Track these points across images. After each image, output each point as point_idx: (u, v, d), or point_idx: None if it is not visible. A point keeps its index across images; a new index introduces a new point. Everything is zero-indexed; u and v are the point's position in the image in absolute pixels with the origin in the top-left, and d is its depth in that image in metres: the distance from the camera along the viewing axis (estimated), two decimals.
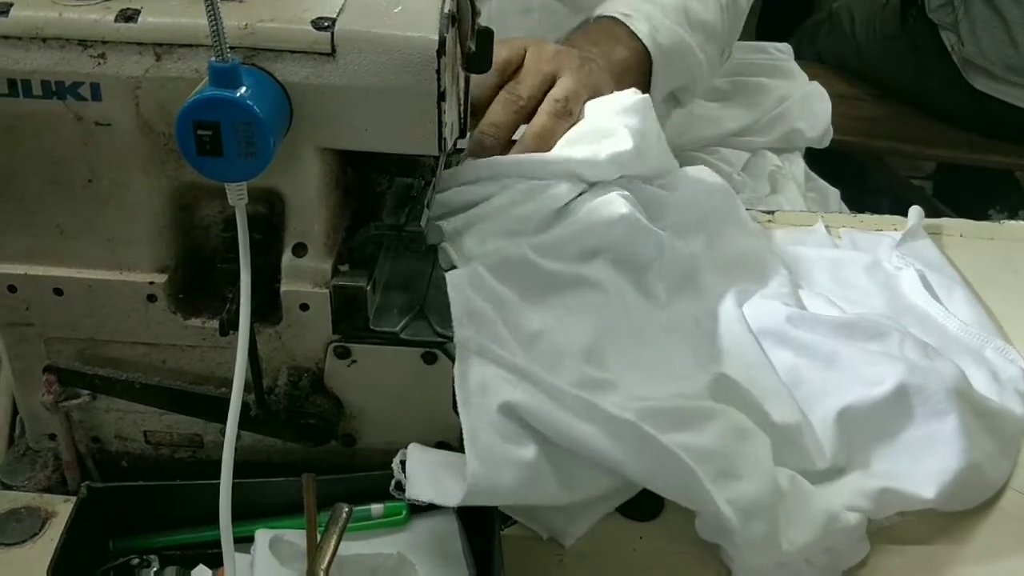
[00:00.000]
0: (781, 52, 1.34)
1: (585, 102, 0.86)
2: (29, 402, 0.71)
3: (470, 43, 0.64)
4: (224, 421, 0.59)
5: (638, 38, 0.98)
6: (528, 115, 0.85)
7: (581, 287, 0.73)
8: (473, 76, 0.73)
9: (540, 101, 0.86)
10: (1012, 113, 1.86)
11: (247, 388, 0.61)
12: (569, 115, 0.85)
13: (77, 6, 0.60)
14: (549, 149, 0.84)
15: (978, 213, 2.06)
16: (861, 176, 2.18)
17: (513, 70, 0.88)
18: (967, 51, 1.84)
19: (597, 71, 0.90)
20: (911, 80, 2.01)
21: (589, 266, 0.74)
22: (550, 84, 0.87)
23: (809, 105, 1.26)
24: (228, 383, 0.60)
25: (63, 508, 0.69)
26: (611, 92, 0.87)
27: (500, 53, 0.83)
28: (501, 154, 0.84)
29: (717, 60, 1.11)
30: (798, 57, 1.36)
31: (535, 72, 0.86)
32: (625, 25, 0.99)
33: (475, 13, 0.63)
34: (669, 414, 0.67)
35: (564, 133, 0.85)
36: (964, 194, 2.14)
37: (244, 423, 0.65)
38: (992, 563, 0.70)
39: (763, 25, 2.12)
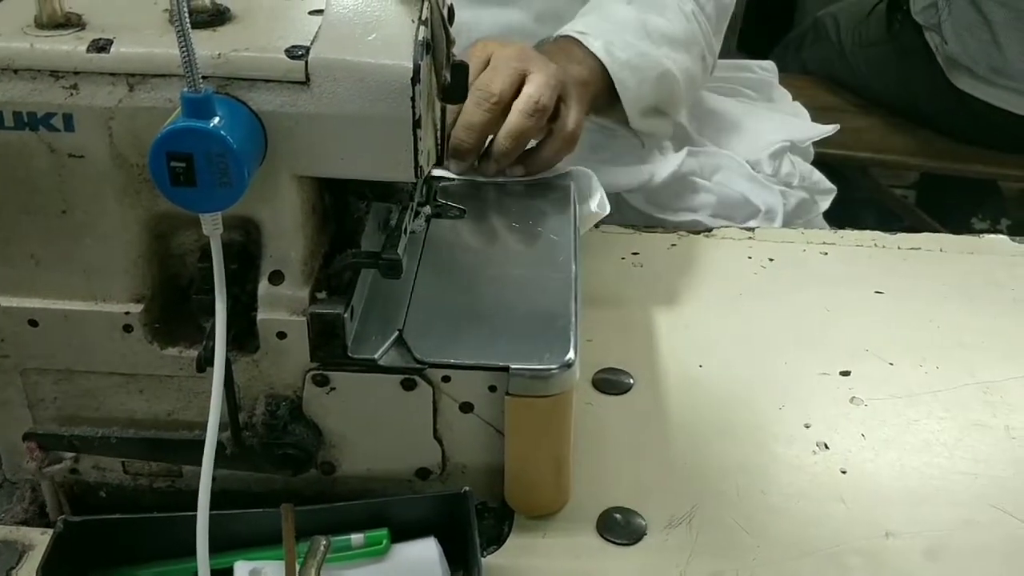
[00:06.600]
0: (765, 70, 1.33)
1: (554, 99, 0.87)
2: (5, 434, 0.71)
3: (445, 73, 0.63)
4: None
5: (594, 55, 0.99)
6: (502, 114, 0.85)
7: None
8: None
9: (512, 99, 0.85)
10: (995, 115, 1.86)
11: (223, 427, 0.60)
12: (543, 112, 0.85)
13: (49, 36, 0.60)
14: (524, 148, 0.85)
15: (961, 221, 2.07)
16: (843, 187, 2.19)
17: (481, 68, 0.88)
18: (951, 50, 1.85)
19: (561, 72, 0.91)
20: (896, 85, 2.02)
21: None
22: (520, 82, 0.86)
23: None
24: (206, 412, 0.59)
25: (41, 541, 0.68)
26: (577, 95, 0.87)
27: (471, 61, 0.83)
28: (477, 155, 0.85)
29: (697, 68, 1.10)
30: (782, 68, 1.36)
31: (505, 69, 0.86)
32: (580, 43, 0.99)
33: (449, 42, 0.62)
34: None
35: (537, 131, 0.85)
36: (947, 203, 2.15)
37: (221, 462, 0.64)
38: None
39: (745, 37, 2.13)
